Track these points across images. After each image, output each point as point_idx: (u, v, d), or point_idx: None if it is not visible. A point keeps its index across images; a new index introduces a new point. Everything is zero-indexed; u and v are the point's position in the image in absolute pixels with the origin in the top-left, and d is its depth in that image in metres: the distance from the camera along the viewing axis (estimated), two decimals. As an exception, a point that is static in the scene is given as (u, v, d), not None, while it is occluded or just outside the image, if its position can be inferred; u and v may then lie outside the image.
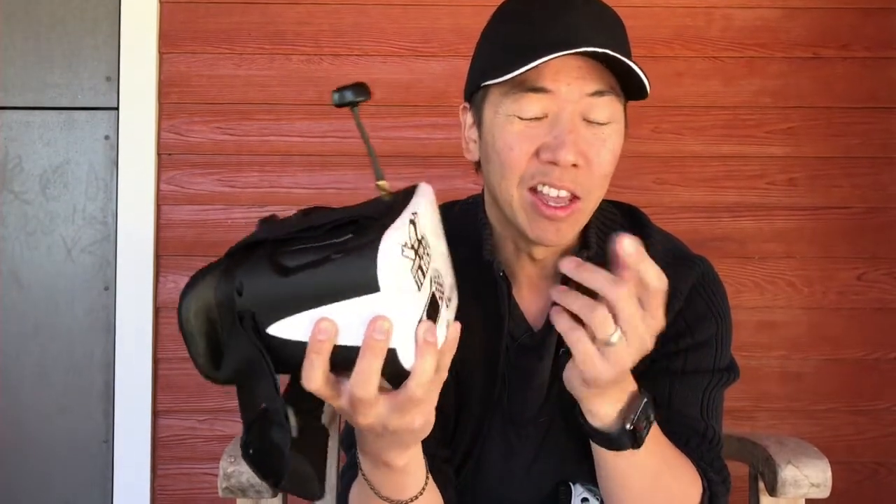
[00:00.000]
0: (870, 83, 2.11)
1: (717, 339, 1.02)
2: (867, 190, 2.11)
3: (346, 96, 0.77)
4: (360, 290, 0.63)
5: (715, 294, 1.03)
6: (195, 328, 0.69)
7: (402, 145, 2.09)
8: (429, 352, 0.65)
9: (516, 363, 1.01)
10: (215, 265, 0.70)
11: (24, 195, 2.11)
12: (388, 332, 0.63)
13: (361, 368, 0.64)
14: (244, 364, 0.68)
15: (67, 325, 2.10)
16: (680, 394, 0.99)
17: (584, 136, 0.90)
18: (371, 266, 0.63)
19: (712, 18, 2.11)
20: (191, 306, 0.69)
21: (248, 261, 0.69)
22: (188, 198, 2.08)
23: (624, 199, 1.10)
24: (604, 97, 0.91)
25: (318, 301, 0.64)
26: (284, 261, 0.67)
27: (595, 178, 0.92)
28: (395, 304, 0.64)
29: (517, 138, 0.91)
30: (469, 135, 1.01)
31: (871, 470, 2.10)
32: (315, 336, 0.64)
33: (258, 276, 0.67)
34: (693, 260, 1.04)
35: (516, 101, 0.91)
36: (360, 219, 0.68)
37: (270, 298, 0.66)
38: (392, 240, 0.64)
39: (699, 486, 0.94)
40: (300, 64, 2.10)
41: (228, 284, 0.68)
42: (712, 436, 0.99)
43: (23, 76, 2.11)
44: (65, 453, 2.10)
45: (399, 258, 0.64)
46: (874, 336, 2.10)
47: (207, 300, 0.68)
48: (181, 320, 0.68)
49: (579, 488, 0.99)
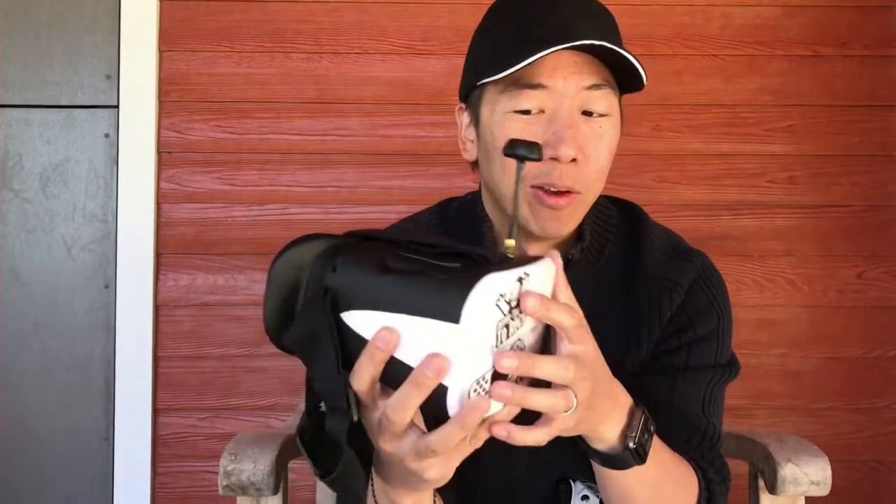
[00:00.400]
0: (869, 81, 2.11)
1: (718, 334, 1.02)
2: (867, 188, 2.11)
3: (518, 150, 0.77)
4: (441, 314, 0.63)
5: (716, 288, 1.03)
6: (282, 279, 0.70)
7: (401, 143, 2.09)
8: (468, 421, 0.63)
9: None
10: (329, 236, 0.71)
11: (24, 193, 2.11)
12: (440, 373, 0.62)
13: (401, 395, 0.64)
14: (308, 337, 0.68)
15: (68, 323, 2.10)
16: (682, 390, 0.99)
17: (582, 131, 0.91)
18: (461, 297, 0.62)
19: (711, 16, 2.11)
20: (288, 259, 0.70)
21: (358, 246, 0.70)
22: (188, 196, 2.08)
23: (624, 196, 1.10)
24: (601, 90, 0.91)
25: (400, 308, 0.64)
26: (389, 261, 0.67)
27: (592, 172, 0.93)
28: (466, 343, 0.63)
29: (516, 135, 0.91)
30: (466, 135, 1.01)
31: (871, 468, 2.10)
32: (374, 342, 0.64)
33: (358, 262, 0.67)
34: (692, 254, 1.04)
35: (513, 97, 0.91)
36: (476, 257, 0.68)
37: (358, 286, 0.66)
38: (491, 283, 0.63)
39: (696, 487, 0.93)
40: (300, 62, 2.10)
41: (330, 257, 0.69)
42: (713, 433, 0.99)
43: (23, 74, 2.11)
44: (65, 451, 2.10)
45: (491, 304, 0.64)
46: (874, 334, 2.10)
47: (304, 261, 0.70)
48: (271, 268, 0.70)
49: (579, 486, 0.99)
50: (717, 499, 0.95)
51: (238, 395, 2.07)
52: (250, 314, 2.08)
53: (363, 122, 2.09)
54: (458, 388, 0.63)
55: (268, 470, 1.11)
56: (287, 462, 1.21)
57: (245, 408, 2.07)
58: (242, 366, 2.07)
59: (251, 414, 2.07)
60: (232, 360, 2.07)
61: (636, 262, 1.01)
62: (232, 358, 2.07)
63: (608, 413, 0.79)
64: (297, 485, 1.93)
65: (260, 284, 2.08)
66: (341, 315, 0.67)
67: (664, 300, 1.00)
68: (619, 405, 0.81)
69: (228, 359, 2.07)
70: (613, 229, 1.04)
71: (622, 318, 1.00)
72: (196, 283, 2.08)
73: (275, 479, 1.12)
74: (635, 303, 1.00)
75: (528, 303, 0.66)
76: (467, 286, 0.62)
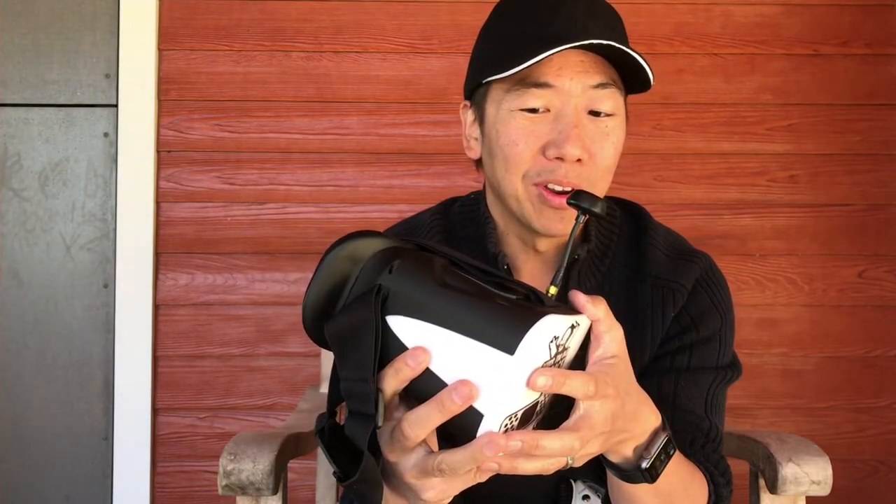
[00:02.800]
0: (870, 80, 2.11)
1: (720, 335, 1.02)
2: (868, 187, 2.10)
3: (582, 201, 0.80)
4: (495, 342, 0.62)
5: (718, 289, 1.03)
6: (332, 268, 0.69)
7: (401, 142, 2.08)
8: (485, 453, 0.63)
9: None
10: (387, 237, 0.71)
11: (23, 192, 2.11)
12: (468, 401, 0.62)
13: (423, 413, 0.64)
14: (350, 331, 0.67)
15: (67, 322, 2.10)
16: (685, 391, 0.99)
17: (588, 131, 0.91)
18: (521, 330, 0.62)
19: (713, 15, 2.11)
20: (345, 249, 0.69)
21: (418, 254, 0.69)
22: (187, 195, 2.08)
23: (625, 195, 1.10)
24: (607, 89, 0.91)
25: (453, 324, 0.64)
26: (447, 276, 0.67)
27: (598, 171, 0.92)
28: (514, 376, 0.62)
29: (522, 134, 0.91)
30: (470, 132, 1.01)
31: (872, 467, 2.10)
32: (405, 358, 0.64)
33: (417, 269, 0.67)
34: (695, 255, 1.04)
35: (520, 96, 0.91)
36: (532, 294, 0.69)
37: (412, 293, 0.66)
38: (551, 324, 0.64)
39: (705, 492, 0.93)
40: (300, 61, 2.10)
41: (388, 258, 0.68)
42: (715, 434, 0.99)
43: (21, 73, 2.11)
44: (65, 450, 2.09)
45: (545, 344, 0.63)
46: (875, 333, 2.10)
47: (360, 256, 0.69)
48: (326, 254, 0.69)
49: (580, 485, 0.98)
50: (723, 501, 0.95)
51: (237, 395, 2.07)
52: (250, 314, 2.08)
53: (363, 121, 2.09)
54: (493, 418, 0.63)
55: (267, 470, 1.11)
56: (287, 462, 1.20)
57: (244, 407, 2.07)
58: (242, 365, 2.07)
59: (250, 413, 2.07)
60: (231, 359, 2.07)
61: (639, 264, 1.01)
62: (231, 357, 2.07)
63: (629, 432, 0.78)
64: (297, 485, 1.94)
65: (259, 284, 2.07)
66: (387, 317, 0.66)
67: (667, 301, 1.00)
68: (643, 427, 0.79)
69: (228, 358, 2.07)
70: (617, 230, 1.04)
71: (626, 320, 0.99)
72: (195, 282, 2.08)
73: (274, 478, 1.12)
74: (639, 304, 1.00)
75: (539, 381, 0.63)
76: (529, 321, 0.62)
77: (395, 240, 0.71)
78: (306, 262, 2.08)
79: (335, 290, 0.69)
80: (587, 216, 0.81)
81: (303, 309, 0.70)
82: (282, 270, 2.08)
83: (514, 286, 0.69)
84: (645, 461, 0.80)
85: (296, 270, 2.08)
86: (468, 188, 1.12)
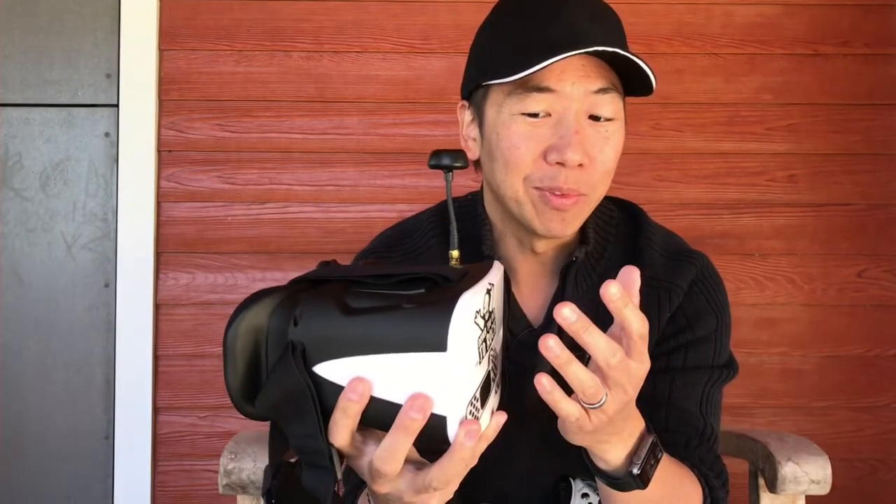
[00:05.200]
0: (870, 80, 2.11)
1: (716, 335, 1.02)
2: (868, 187, 2.10)
3: (443, 160, 0.77)
4: (425, 346, 0.60)
5: (714, 289, 1.03)
6: (239, 348, 0.65)
7: (401, 142, 2.09)
8: (467, 449, 0.62)
9: (516, 359, 1.01)
10: (277, 289, 0.67)
11: (24, 192, 2.11)
12: (426, 412, 0.60)
13: (389, 444, 0.62)
14: (284, 398, 0.64)
15: (68, 321, 2.10)
16: (680, 391, 0.99)
17: (588, 136, 0.91)
18: (444, 323, 0.60)
19: (712, 15, 2.11)
20: (241, 324, 0.65)
21: (313, 292, 0.66)
22: (188, 195, 2.08)
23: (624, 195, 1.10)
24: (608, 94, 0.91)
25: (376, 348, 0.61)
26: (351, 301, 0.64)
27: (598, 174, 0.93)
28: (457, 368, 0.61)
29: (522, 137, 0.91)
30: (468, 132, 1.01)
31: (871, 467, 2.10)
32: (346, 394, 0.62)
33: (320, 310, 0.64)
34: (692, 255, 1.04)
35: (521, 100, 0.91)
36: (436, 277, 0.66)
37: (326, 335, 0.63)
38: (468, 303, 0.62)
39: (700, 496, 0.94)
40: (300, 61, 2.10)
41: (287, 311, 0.65)
42: (710, 434, 0.99)
43: (22, 73, 2.11)
44: (65, 449, 2.10)
45: (471, 324, 0.62)
46: (874, 333, 2.10)
47: (260, 322, 0.65)
48: (226, 338, 0.65)
49: (580, 483, 0.99)
50: (719, 498, 0.95)
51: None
52: (250, 313, 2.07)
53: (363, 121, 2.09)
54: (456, 415, 0.62)
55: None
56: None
57: (245, 406, 2.07)
58: (243, 364, 2.07)
59: (251, 413, 2.07)
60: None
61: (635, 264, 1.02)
62: (232, 357, 2.07)
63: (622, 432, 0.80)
64: (298, 483, 1.94)
65: (260, 283, 2.08)
66: (314, 369, 0.63)
67: (663, 302, 1.00)
68: (631, 426, 0.81)
69: (229, 357, 2.07)
70: (614, 230, 1.04)
71: None
72: (196, 281, 2.08)
73: (275, 477, 1.12)
74: None
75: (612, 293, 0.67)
76: (446, 311, 0.60)
77: (283, 289, 0.67)
78: (307, 262, 2.08)
79: (251, 366, 0.66)
80: (452, 172, 0.79)
81: (230, 396, 0.67)
82: (282, 270, 2.08)
83: (419, 276, 0.66)
84: (635, 467, 0.81)
85: (296, 270, 2.08)
86: (468, 188, 1.12)
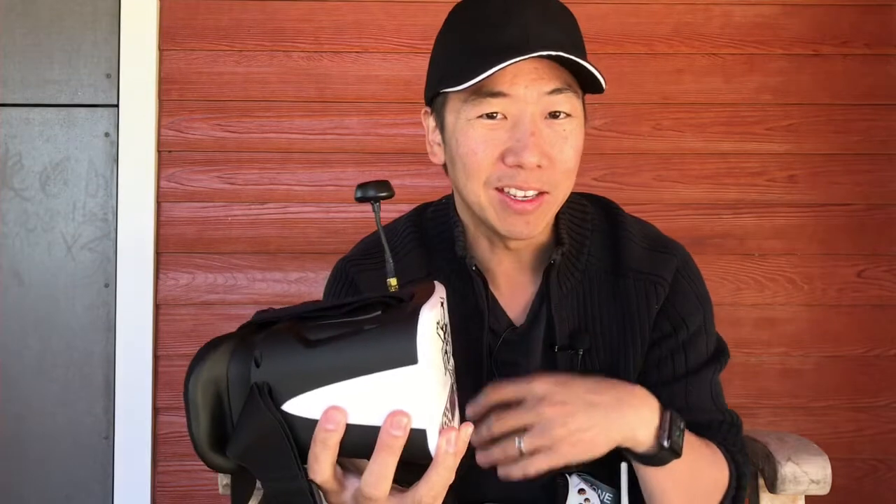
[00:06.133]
0: (870, 80, 2.11)
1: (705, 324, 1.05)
2: (867, 187, 2.11)
3: (369, 192, 0.77)
4: (395, 362, 0.60)
5: (696, 278, 1.06)
6: (200, 402, 0.64)
7: (401, 142, 2.09)
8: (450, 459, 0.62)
9: (501, 359, 1.01)
10: (227, 337, 0.66)
11: (24, 192, 2.11)
12: (405, 428, 0.60)
13: (376, 468, 0.62)
14: (256, 442, 0.63)
15: (68, 321, 2.10)
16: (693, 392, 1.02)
17: (545, 137, 0.91)
18: (411, 336, 0.60)
19: (712, 15, 2.11)
20: (200, 377, 0.64)
21: (267, 333, 0.65)
22: (188, 195, 2.08)
23: (624, 195, 1.11)
24: (562, 94, 0.91)
25: (345, 374, 0.61)
26: (309, 334, 0.63)
27: (559, 174, 0.93)
28: (429, 379, 0.61)
29: (480, 142, 0.92)
30: (433, 138, 1.03)
31: (871, 466, 2.10)
32: (323, 426, 0.61)
33: (281, 347, 0.63)
34: (670, 246, 1.06)
35: (476, 105, 0.91)
36: (387, 300, 0.66)
37: (292, 371, 0.62)
38: (429, 315, 0.62)
39: (727, 468, 0.98)
40: (300, 61, 2.10)
41: (244, 355, 0.64)
42: (732, 419, 1.03)
43: (22, 73, 2.11)
44: (65, 449, 2.10)
45: (434, 334, 0.62)
46: (874, 333, 2.10)
47: (218, 373, 0.64)
48: (186, 393, 0.64)
49: (575, 479, 0.99)
50: (747, 478, 0.99)
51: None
52: (250, 313, 2.06)
53: (363, 121, 2.09)
54: (434, 427, 0.62)
55: (268, 468, 1.11)
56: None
57: (245, 406, 2.07)
58: (242, 364, 2.07)
59: (251, 413, 2.07)
60: (232, 358, 2.07)
61: (617, 258, 1.03)
62: (232, 357, 2.07)
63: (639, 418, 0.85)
64: (298, 483, 1.94)
65: (260, 283, 2.08)
66: (283, 407, 0.62)
67: (651, 295, 1.02)
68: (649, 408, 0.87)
69: (228, 357, 2.07)
70: (590, 225, 1.05)
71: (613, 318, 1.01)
72: (196, 281, 2.08)
73: (275, 477, 1.12)
74: (622, 299, 1.01)
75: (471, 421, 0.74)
76: (411, 324, 0.60)
77: (234, 335, 0.67)
78: (307, 262, 2.08)
79: (216, 416, 0.65)
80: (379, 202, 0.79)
81: (197, 449, 0.65)
82: (282, 270, 2.08)
83: (370, 302, 0.66)
84: (664, 440, 0.86)
85: (296, 270, 2.08)
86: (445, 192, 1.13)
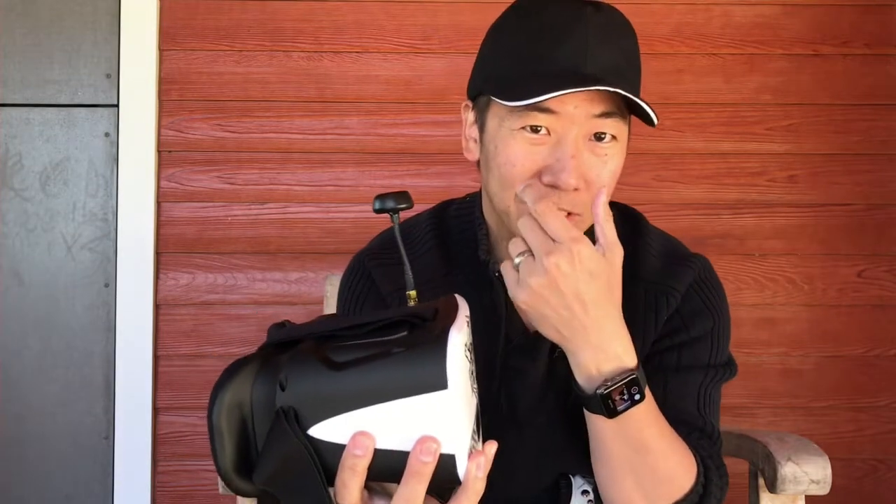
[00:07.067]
0: (870, 80, 2.11)
1: (713, 335, 1.02)
2: (868, 187, 2.10)
3: (387, 204, 0.78)
4: (425, 387, 0.59)
5: (712, 291, 1.04)
6: (225, 427, 0.63)
7: (401, 142, 2.09)
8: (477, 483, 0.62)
9: (511, 364, 1.01)
10: (249, 359, 0.65)
11: (24, 192, 2.11)
12: (435, 454, 0.59)
13: (405, 493, 0.61)
14: (282, 467, 0.62)
15: (68, 321, 2.10)
16: (674, 390, 0.99)
17: (586, 160, 0.90)
18: (441, 361, 0.58)
19: (712, 15, 2.11)
20: (224, 400, 0.63)
21: (291, 354, 0.64)
22: (188, 195, 2.08)
23: (624, 195, 1.10)
24: (610, 118, 0.90)
25: (373, 398, 0.59)
26: (334, 356, 0.62)
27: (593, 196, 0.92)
28: (459, 403, 0.60)
29: (519, 155, 0.90)
30: (470, 133, 1.00)
31: (871, 466, 2.10)
32: (351, 451, 0.60)
33: (306, 370, 0.62)
34: (691, 259, 1.04)
35: (522, 117, 0.90)
36: (412, 319, 0.64)
37: (318, 395, 0.61)
38: (458, 338, 0.61)
39: (693, 473, 0.92)
40: (300, 61, 2.10)
41: (269, 378, 0.63)
42: (711, 431, 0.99)
43: (22, 73, 2.11)
44: (65, 449, 2.10)
45: (463, 357, 0.61)
46: (874, 333, 2.10)
47: (242, 396, 0.64)
48: (210, 417, 0.63)
49: (579, 480, 0.99)
50: (714, 490, 0.94)
51: None
52: (250, 313, 2.08)
53: (363, 121, 2.09)
54: (463, 451, 0.61)
55: (268, 469, 1.11)
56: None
57: (245, 407, 2.07)
58: (243, 365, 2.07)
59: (251, 413, 2.07)
60: (232, 358, 2.06)
61: (634, 269, 1.01)
62: (232, 357, 2.04)
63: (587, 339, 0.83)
64: (298, 483, 1.94)
65: (260, 283, 2.08)
66: (309, 431, 0.61)
67: (660, 305, 1.01)
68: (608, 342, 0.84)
69: (228, 358, 2.05)
70: None
71: None
72: (196, 281, 2.08)
73: (275, 477, 1.12)
74: (632, 308, 1.00)
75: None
76: (440, 348, 0.59)
77: (258, 356, 0.66)
78: (307, 262, 2.08)
79: (241, 442, 0.64)
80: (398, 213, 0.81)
81: (223, 477, 0.64)
82: (282, 270, 2.08)
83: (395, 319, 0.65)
84: (601, 388, 0.83)
85: (296, 270, 2.08)
86: (468, 188, 1.12)
